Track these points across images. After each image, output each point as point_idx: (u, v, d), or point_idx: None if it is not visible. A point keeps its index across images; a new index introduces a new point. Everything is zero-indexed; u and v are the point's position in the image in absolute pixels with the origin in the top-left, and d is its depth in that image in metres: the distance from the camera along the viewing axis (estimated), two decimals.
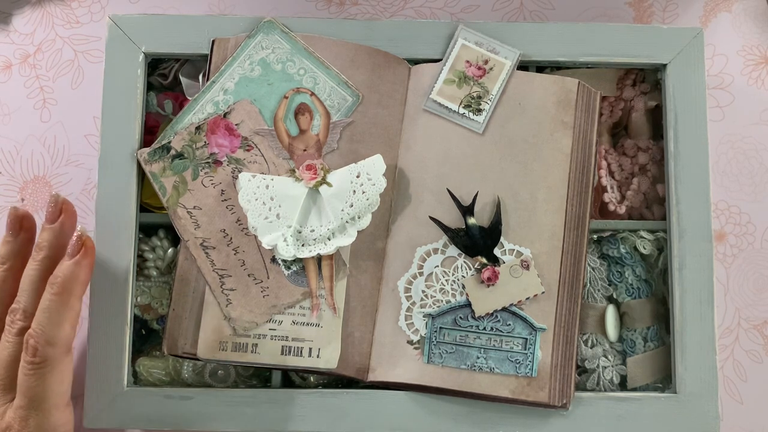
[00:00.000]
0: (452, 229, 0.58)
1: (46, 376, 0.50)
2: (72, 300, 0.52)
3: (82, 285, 0.53)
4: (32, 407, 0.50)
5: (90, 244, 0.53)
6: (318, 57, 0.60)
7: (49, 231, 0.54)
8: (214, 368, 0.60)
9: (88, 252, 0.53)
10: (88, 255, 0.53)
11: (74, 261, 0.52)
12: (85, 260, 0.52)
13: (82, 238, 0.53)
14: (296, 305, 0.58)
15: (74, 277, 0.52)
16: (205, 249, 0.58)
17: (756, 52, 0.68)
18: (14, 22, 0.69)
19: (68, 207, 0.55)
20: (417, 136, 0.60)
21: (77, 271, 0.52)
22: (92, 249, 0.53)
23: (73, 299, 0.52)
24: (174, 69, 0.63)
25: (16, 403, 0.51)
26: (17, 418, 0.50)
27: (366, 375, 0.58)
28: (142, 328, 0.62)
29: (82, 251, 0.52)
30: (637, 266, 0.61)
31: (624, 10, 0.69)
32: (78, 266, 0.52)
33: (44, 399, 0.51)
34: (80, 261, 0.52)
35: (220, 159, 0.59)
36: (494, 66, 0.60)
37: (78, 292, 0.52)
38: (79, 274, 0.52)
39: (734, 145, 0.67)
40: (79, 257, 0.52)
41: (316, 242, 0.57)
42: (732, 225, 0.66)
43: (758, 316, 0.65)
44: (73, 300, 0.52)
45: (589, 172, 0.59)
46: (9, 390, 0.52)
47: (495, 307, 0.58)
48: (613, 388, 0.60)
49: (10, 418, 0.51)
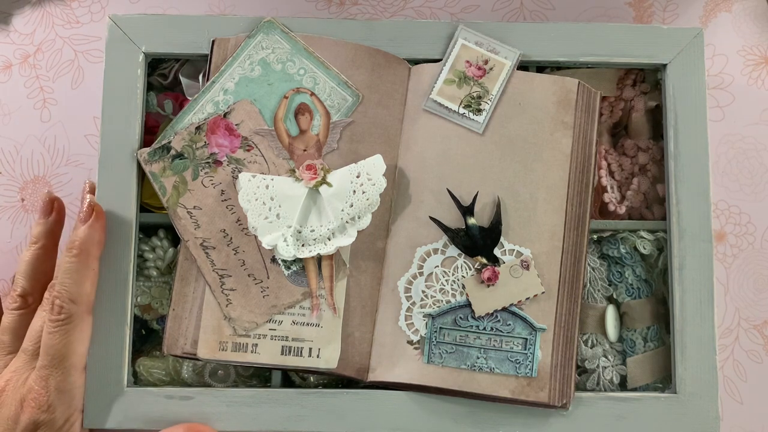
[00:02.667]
0: (452, 229, 0.58)
1: (69, 332, 0.54)
2: (90, 260, 0.56)
3: (98, 245, 0.57)
4: (53, 365, 0.54)
5: (99, 208, 0.57)
6: (318, 57, 0.60)
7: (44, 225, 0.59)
8: (214, 368, 0.60)
9: (99, 215, 0.57)
10: (99, 217, 0.57)
11: (88, 224, 0.56)
12: (97, 222, 0.56)
13: (91, 204, 0.57)
14: (296, 305, 0.58)
15: (89, 239, 0.56)
16: (205, 249, 0.58)
17: (756, 52, 0.68)
18: (14, 22, 0.69)
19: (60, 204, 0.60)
20: (417, 136, 0.60)
21: (91, 232, 0.56)
22: (102, 212, 0.57)
23: (91, 259, 0.56)
24: (174, 69, 0.63)
25: (39, 364, 0.54)
26: (38, 379, 0.54)
27: (366, 375, 0.58)
28: (142, 328, 0.62)
29: (94, 215, 0.56)
30: (637, 266, 0.61)
31: (624, 10, 0.69)
32: (92, 228, 0.56)
33: (65, 356, 0.54)
34: (93, 224, 0.56)
35: (220, 159, 0.59)
36: (494, 66, 0.60)
37: (95, 253, 0.56)
38: (93, 235, 0.56)
39: (734, 145, 0.67)
40: (92, 220, 0.56)
41: (316, 242, 0.57)
42: (732, 225, 0.66)
43: (758, 316, 0.65)
44: (91, 260, 0.56)
45: (589, 172, 0.59)
46: (36, 357, 0.55)
47: (495, 307, 0.58)
48: (613, 388, 0.60)
49: (32, 381, 0.54)
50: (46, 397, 0.54)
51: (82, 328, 0.55)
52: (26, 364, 0.55)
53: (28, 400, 0.54)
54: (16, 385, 0.54)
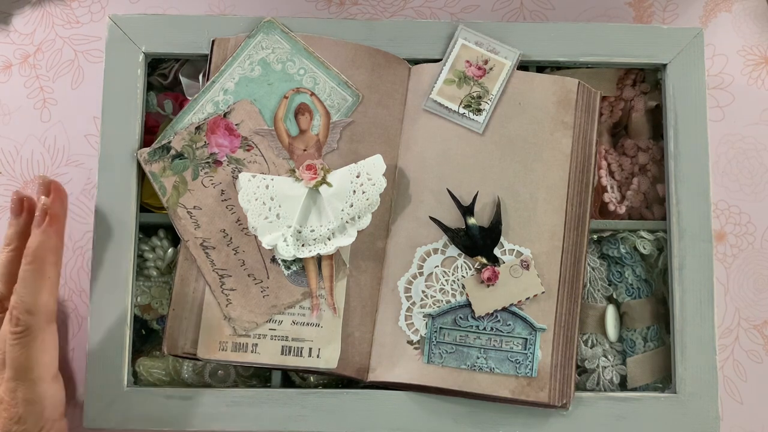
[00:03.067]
0: (452, 229, 0.58)
1: (29, 345, 0.52)
2: (46, 267, 0.53)
3: (53, 252, 0.53)
4: (19, 378, 0.52)
5: (53, 212, 0.54)
6: (318, 57, 0.60)
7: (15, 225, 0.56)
8: (214, 368, 0.60)
9: (53, 219, 0.54)
10: (53, 222, 0.54)
11: (41, 230, 0.53)
12: (51, 227, 0.53)
13: (45, 207, 0.54)
14: (296, 305, 0.58)
15: (43, 246, 0.53)
16: (205, 249, 0.58)
17: (756, 52, 0.68)
18: (14, 22, 0.69)
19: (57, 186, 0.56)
20: (417, 136, 0.60)
21: (44, 239, 0.53)
22: (56, 216, 0.54)
23: (48, 267, 0.53)
24: (174, 69, 0.63)
25: (6, 376, 0.52)
26: (7, 391, 0.52)
27: (366, 375, 0.58)
28: (142, 328, 0.62)
29: (47, 220, 0.53)
30: (637, 266, 0.61)
31: (624, 10, 0.69)
32: (45, 234, 0.53)
33: (29, 369, 0.52)
34: (46, 229, 0.53)
35: (220, 159, 0.59)
36: (494, 66, 0.60)
37: (50, 260, 0.53)
38: (47, 241, 0.53)
39: (734, 145, 0.67)
40: (45, 225, 0.53)
41: (316, 242, 0.57)
42: (732, 225, 0.66)
43: (758, 316, 0.65)
44: (48, 267, 0.53)
45: (589, 172, 0.59)
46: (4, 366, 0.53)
47: (495, 307, 0.58)
48: (613, 388, 0.60)
49: (1, 392, 0.52)
50: (15, 409, 0.52)
51: (43, 338, 0.52)
52: None
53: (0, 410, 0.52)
54: None
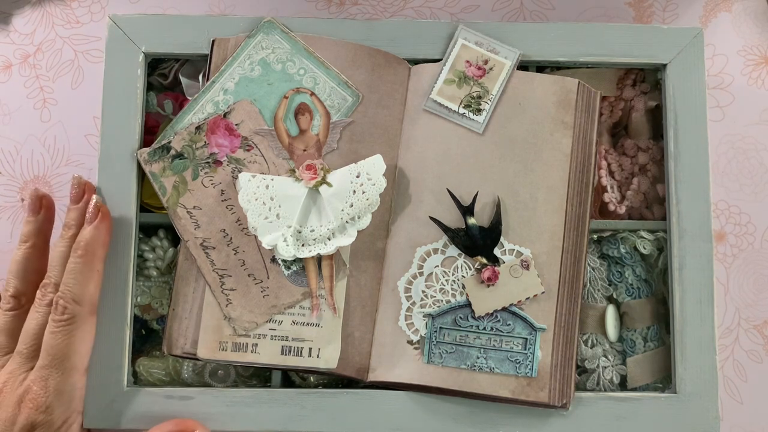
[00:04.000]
0: (452, 229, 0.58)
1: (72, 333, 0.54)
2: (95, 261, 0.56)
3: (103, 246, 0.57)
4: (54, 365, 0.54)
5: (105, 210, 0.57)
6: (318, 57, 0.60)
7: (75, 210, 0.58)
8: (214, 368, 0.60)
9: (105, 216, 0.57)
10: (105, 219, 0.57)
11: (93, 225, 0.56)
12: (103, 224, 0.56)
13: (98, 205, 0.57)
14: (296, 305, 0.58)
15: (95, 240, 0.56)
16: (205, 249, 0.58)
17: (756, 52, 0.68)
18: (14, 22, 0.69)
19: (90, 187, 0.58)
20: (417, 136, 0.60)
21: (97, 234, 0.56)
22: (108, 214, 0.57)
23: (96, 260, 0.56)
24: (174, 69, 0.63)
25: (39, 364, 0.54)
26: (37, 379, 0.54)
27: (366, 375, 0.58)
28: (142, 328, 0.62)
29: (100, 216, 0.56)
30: (637, 266, 0.61)
31: (624, 10, 0.69)
32: (97, 230, 0.56)
33: (67, 357, 0.54)
34: (98, 225, 0.56)
35: (220, 159, 0.59)
36: (494, 66, 0.60)
37: (100, 254, 0.56)
38: (99, 236, 0.56)
39: (734, 145, 0.67)
40: (98, 221, 0.56)
41: (316, 242, 0.57)
42: (732, 225, 0.66)
43: (758, 316, 0.65)
44: (96, 261, 0.56)
45: (589, 172, 0.59)
46: (32, 358, 0.55)
47: (495, 307, 0.58)
48: (613, 388, 0.60)
49: (30, 381, 0.54)
50: (44, 398, 0.53)
51: (85, 329, 0.55)
52: (21, 366, 0.55)
53: (26, 400, 0.53)
54: (13, 387, 0.54)
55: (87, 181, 0.58)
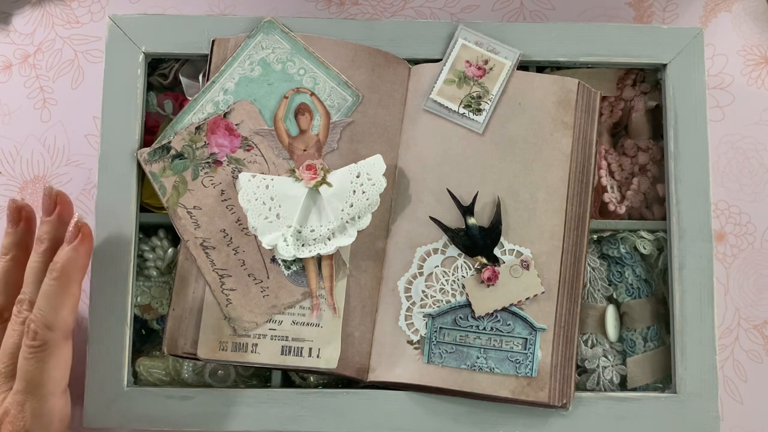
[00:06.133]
0: (452, 229, 0.58)
1: (45, 360, 0.51)
2: (71, 285, 0.52)
3: (81, 270, 0.53)
4: (29, 392, 0.51)
5: (87, 230, 0.54)
6: (318, 57, 0.60)
7: (48, 223, 0.55)
8: (214, 368, 0.60)
9: (85, 238, 0.54)
10: (85, 241, 0.53)
11: (72, 246, 0.53)
12: (83, 246, 0.53)
13: (79, 224, 0.54)
14: (296, 305, 0.58)
15: (72, 263, 0.53)
16: (205, 249, 0.58)
17: (756, 52, 0.68)
18: (14, 22, 0.69)
19: (63, 198, 0.56)
20: (417, 136, 0.60)
21: (75, 256, 0.53)
22: (89, 235, 0.54)
23: (72, 284, 0.53)
24: (174, 69, 0.63)
25: (15, 388, 0.52)
26: (14, 403, 0.51)
27: (366, 375, 0.58)
28: (142, 328, 0.62)
29: (79, 237, 0.53)
30: (637, 266, 0.61)
31: (624, 10, 0.69)
32: (76, 252, 0.53)
33: (41, 384, 0.51)
34: (77, 246, 0.53)
35: (220, 159, 0.59)
36: (494, 66, 0.60)
37: (77, 278, 0.53)
38: (77, 259, 0.53)
39: (734, 145, 0.67)
40: (77, 243, 0.53)
41: (316, 242, 0.57)
42: (732, 225, 0.66)
43: (758, 316, 0.65)
44: (72, 285, 0.53)
45: (589, 172, 0.59)
46: (11, 377, 0.53)
47: (495, 307, 0.58)
48: (613, 388, 0.60)
49: (8, 404, 0.52)
50: (22, 422, 0.51)
51: (59, 354, 0.52)
52: (1, 386, 0.53)
53: (5, 422, 0.51)
54: None
55: (59, 191, 0.56)
